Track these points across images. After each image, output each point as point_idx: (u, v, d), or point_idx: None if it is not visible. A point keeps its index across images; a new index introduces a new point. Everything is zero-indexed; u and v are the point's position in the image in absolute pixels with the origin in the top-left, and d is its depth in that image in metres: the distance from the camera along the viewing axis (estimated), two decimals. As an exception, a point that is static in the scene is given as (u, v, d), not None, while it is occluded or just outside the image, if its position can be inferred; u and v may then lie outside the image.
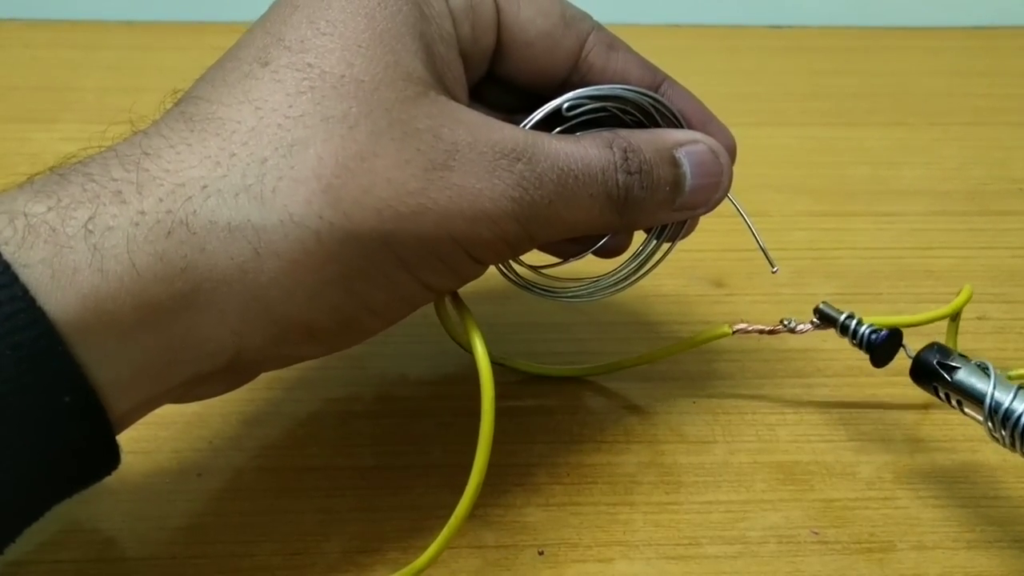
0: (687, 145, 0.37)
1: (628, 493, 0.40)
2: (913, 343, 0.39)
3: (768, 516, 0.39)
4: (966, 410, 0.37)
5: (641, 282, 0.40)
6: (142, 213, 0.29)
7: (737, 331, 0.42)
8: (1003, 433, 0.36)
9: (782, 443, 0.42)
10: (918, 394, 0.39)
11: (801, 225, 0.55)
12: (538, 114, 0.36)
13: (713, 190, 0.37)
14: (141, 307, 0.29)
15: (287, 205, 0.30)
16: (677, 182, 0.36)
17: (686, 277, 0.50)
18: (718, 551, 0.37)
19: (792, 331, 0.41)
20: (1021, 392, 0.36)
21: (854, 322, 0.40)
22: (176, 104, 0.32)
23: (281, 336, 0.32)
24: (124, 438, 0.38)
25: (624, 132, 0.36)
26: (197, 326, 0.30)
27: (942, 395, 0.38)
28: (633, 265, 0.40)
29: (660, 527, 0.38)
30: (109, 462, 0.31)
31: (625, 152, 0.35)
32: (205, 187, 0.29)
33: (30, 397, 0.28)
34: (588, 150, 0.34)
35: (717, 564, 0.37)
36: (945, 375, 0.37)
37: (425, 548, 0.35)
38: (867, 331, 0.39)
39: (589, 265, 0.41)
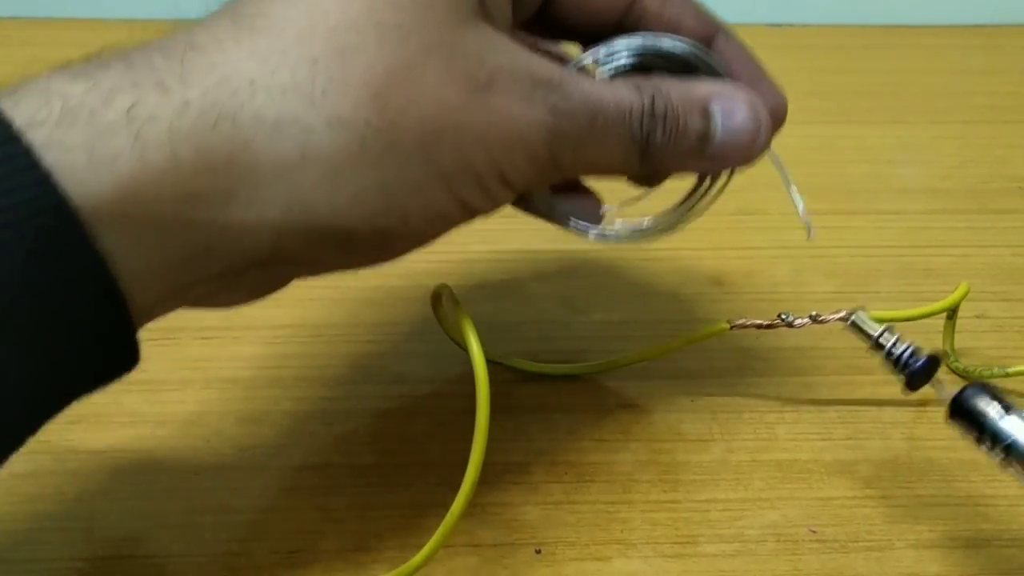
0: (722, 98, 0.36)
1: (626, 491, 0.40)
2: (911, 339, 0.39)
3: (766, 514, 0.39)
4: (1012, 465, 0.34)
5: (641, 280, 0.40)
6: (186, 103, 0.29)
7: (735, 326, 0.42)
8: None
9: (780, 441, 0.42)
10: (916, 392, 0.39)
11: (801, 223, 0.55)
12: (577, 61, 0.37)
13: (747, 146, 0.37)
14: (181, 198, 0.29)
15: (335, 107, 0.30)
16: (706, 133, 0.36)
17: (684, 275, 0.50)
18: (716, 549, 0.37)
19: (790, 325, 0.41)
20: None
21: (891, 341, 0.38)
22: (224, 5, 0.32)
23: (319, 239, 0.32)
24: (122, 438, 0.38)
25: (658, 78, 0.36)
26: (237, 220, 0.30)
27: (984, 440, 0.34)
28: (674, 214, 0.40)
29: (658, 525, 0.38)
30: (128, 358, 0.31)
31: (653, 97, 0.35)
32: (253, 81, 0.29)
33: (51, 283, 0.27)
34: (618, 91, 0.35)
35: (715, 562, 0.37)
36: (993, 418, 0.34)
37: (422, 546, 0.35)
38: (906, 353, 0.37)
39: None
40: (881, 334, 0.38)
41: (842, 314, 0.40)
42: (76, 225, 0.27)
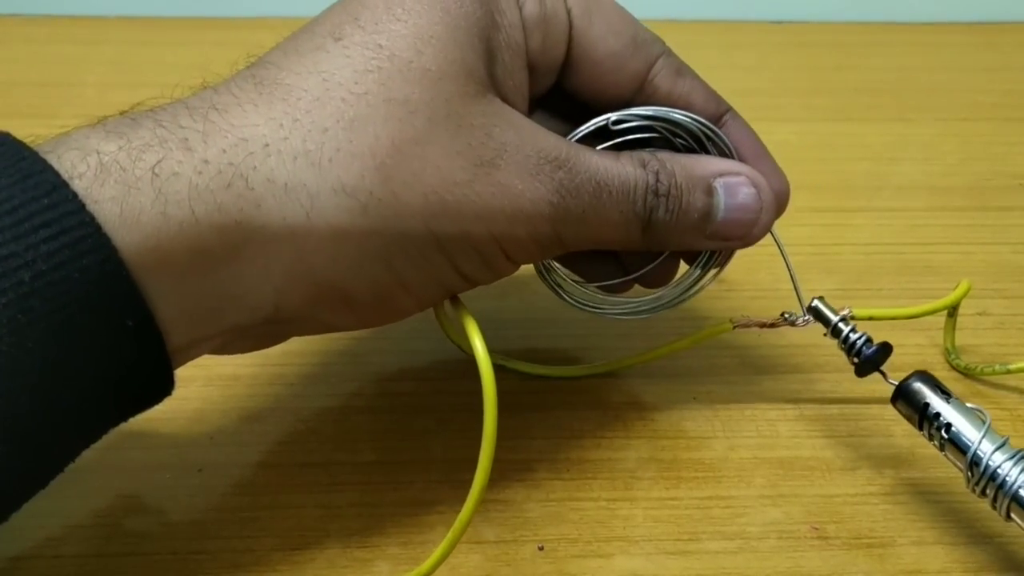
0: (727, 176, 0.37)
1: (628, 489, 0.40)
2: (911, 338, 0.39)
3: (768, 512, 0.39)
4: (947, 453, 0.36)
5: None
6: (206, 162, 0.30)
7: (738, 326, 0.42)
8: (981, 487, 0.35)
9: (782, 439, 0.42)
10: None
11: (801, 221, 0.55)
12: (588, 127, 0.37)
13: (749, 225, 0.38)
14: (195, 253, 0.30)
15: (341, 176, 0.31)
16: (708, 211, 0.37)
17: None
18: (718, 546, 0.38)
19: (793, 324, 0.41)
20: (1008, 449, 0.35)
21: (847, 328, 0.39)
22: (248, 67, 0.34)
23: (319, 299, 0.33)
24: (124, 433, 0.38)
25: (664, 154, 0.37)
26: (243, 278, 0.32)
27: (921, 429, 0.37)
28: (675, 290, 0.41)
29: (660, 522, 0.38)
30: (165, 387, 0.33)
31: (657, 174, 0.36)
32: (267, 146, 0.31)
33: (96, 318, 0.29)
34: (624, 167, 0.35)
35: (717, 559, 0.37)
36: (933, 407, 0.36)
37: (425, 543, 0.35)
38: (860, 340, 0.39)
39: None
40: (839, 321, 0.39)
41: (846, 311, 0.40)
42: (120, 267, 0.29)
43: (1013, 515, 0.34)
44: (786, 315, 0.41)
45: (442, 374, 0.45)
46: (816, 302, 0.40)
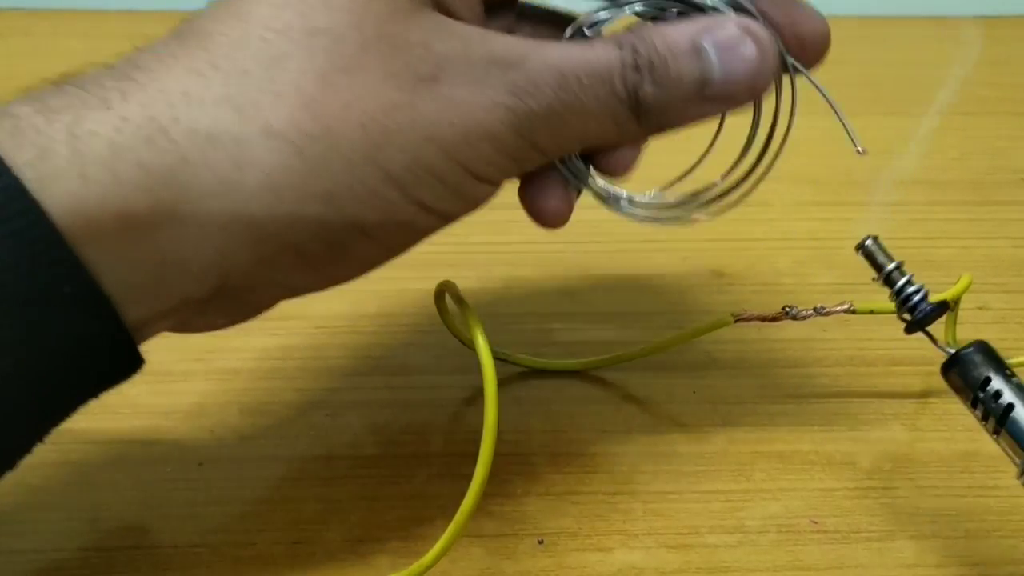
0: (711, 31, 0.33)
1: (628, 482, 0.40)
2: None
3: (768, 505, 0.39)
4: (1001, 438, 0.33)
5: (642, 271, 0.40)
6: (124, 119, 0.28)
7: (739, 319, 0.42)
8: None
9: (782, 432, 0.42)
10: (917, 384, 0.39)
11: (802, 215, 0.55)
12: (586, 20, 0.34)
13: (753, 74, 0.33)
14: (123, 217, 0.28)
15: (268, 118, 0.29)
16: (703, 73, 0.33)
17: (686, 267, 0.50)
18: (718, 540, 0.38)
19: (795, 318, 0.41)
20: None
21: (903, 279, 0.36)
22: (180, 23, 0.32)
23: (268, 257, 0.31)
24: (126, 428, 0.38)
25: (641, 27, 0.33)
26: (180, 242, 0.29)
27: (978, 407, 0.33)
28: (733, 177, 0.37)
29: (660, 516, 0.38)
30: (131, 362, 0.31)
31: (634, 47, 0.32)
32: (186, 94, 0.29)
33: (31, 285, 0.27)
34: (593, 51, 0.32)
35: (716, 553, 0.37)
36: (994, 385, 0.33)
37: (425, 537, 0.35)
38: (917, 295, 0.36)
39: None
40: (894, 269, 0.36)
41: (846, 306, 0.40)
42: (51, 231, 0.27)
43: None
44: (787, 309, 0.41)
45: (443, 367, 0.45)
46: (870, 242, 0.37)
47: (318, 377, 0.44)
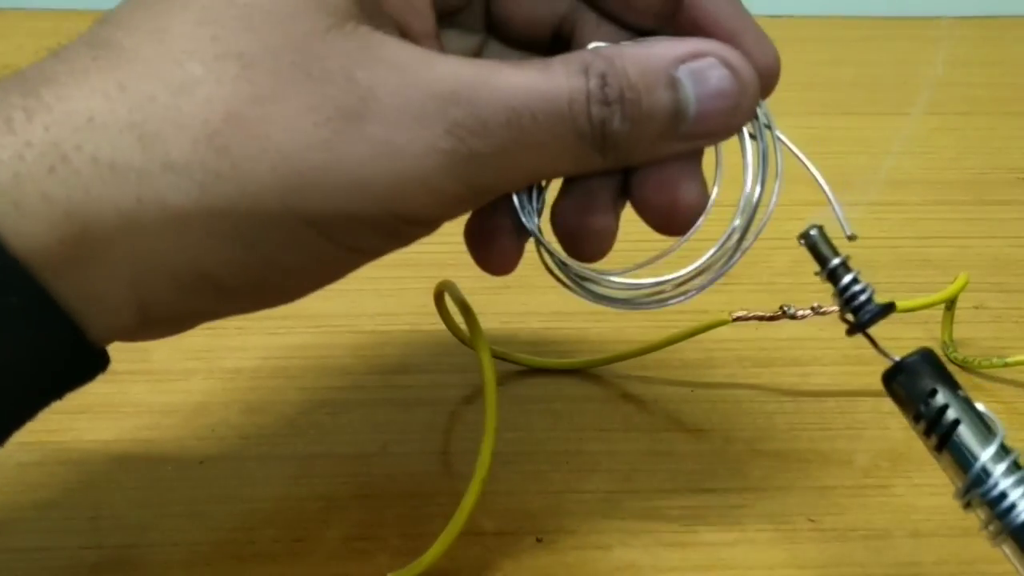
0: (691, 60, 0.29)
1: (627, 481, 0.40)
2: (908, 331, 0.39)
3: (765, 503, 0.39)
4: (942, 459, 0.30)
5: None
6: (28, 144, 0.26)
7: (736, 319, 0.42)
8: (974, 505, 0.29)
9: (779, 431, 0.42)
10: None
11: (798, 215, 0.55)
12: None
13: (730, 113, 0.30)
14: (31, 253, 0.26)
15: (169, 150, 0.26)
16: (678, 109, 0.29)
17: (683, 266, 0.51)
18: (715, 538, 0.38)
19: (792, 317, 0.41)
20: (1018, 469, 0.29)
21: (849, 276, 0.31)
22: (95, 23, 0.29)
23: (186, 290, 0.28)
24: (128, 427, 0.38)
25: (608, 49, 0.30)
26: (90, 279, 0.27)
27: (920, 422, 0.30)
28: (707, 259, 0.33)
29: (658, 514, 0.39)
30: (93, 363, 0.29)
31: (603, 77, 0.28)
32: (91, 119, 0.26)
33: None
34: (553, 79, 0.28)
35: (714, 551, 0.37)
36: (939, 399, 0.29)
37: (425, 535, 0.35)
38: (863, 294, 0.31)
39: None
40: (839, 265, 0.32)
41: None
42: None
43: (1006, 549, 0.29)
44: (784, 308, 0.42)
45: (442, 366, 0.45)
46: (814, 232, 0.33)
47: (319, 376, 0.44)
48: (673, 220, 0.32)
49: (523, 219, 0.32)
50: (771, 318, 0.42)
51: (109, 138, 0.26)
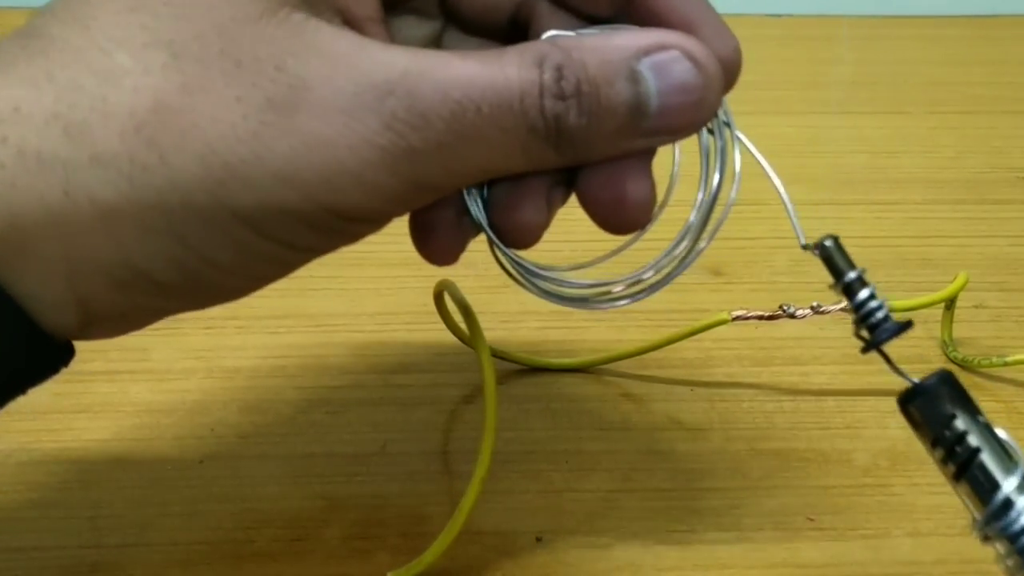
0: (653, 53, 0.28)
1: (626, 480, 0.40)
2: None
3: (764, 502, 0.39)
4: (959, 488, 0.28)
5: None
6: None
7: (736, 318, 0.42)
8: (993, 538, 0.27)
9: (778, 430, 0.42)
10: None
11: (798, 214, 0.55)
12: None
13: (693, 109, 0.28)
14: None
15: (96, 141, 0.25)
16: (639, 103, 0.28)
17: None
18: (714, 537, 0.38)
19: (792, 316, 0.41)
20: None
21: (867, 292, 0.30)
22: (33, 14, 0.28)
23: (123, 287, 0.27)
24: (127, 426, 0.38)
25: (566, 40, 0.28)
26: (26, 275, 0.26)
27: (938, 448, 0.28)
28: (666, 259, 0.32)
29: (658, 513, 0.39)
30: (53, 356, 0.28)
31: (559, 70, 0.27)
32: (17, 109, 0.25)
33: None
34: (503, 70, 0.27)
35: (713, 550, 0.37)
36: (960, 425, 0.27)
37: (425, 534, 0.35)
38: (880, 311, 0.29)
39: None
40: (855, 279, 0.30)
41: (843, 304, 0.40)
42: None
43: None
44: (784, 307, 0.42)
45: (442, 365, 0.45)
46: (830, 243, 0.31)
47: (318, 375, 0.44)
48: (619, 217, 0.31)
49: (472, 214, 0.30)
50: (771, 317, 0.42)
51: (35, 129, 0.25)
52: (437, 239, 0.32)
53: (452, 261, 0.32)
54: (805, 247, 0.31)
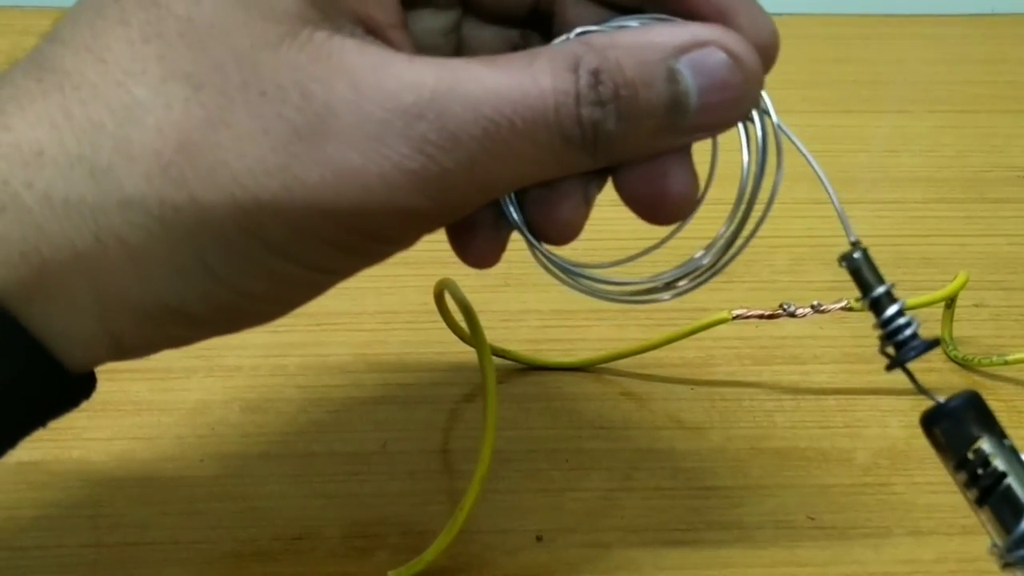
0: (691, 50, 0.27)
1: (626, 479, 0.40)
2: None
3: (765, 502, 0.39)
4: (982, 513, 0.27)
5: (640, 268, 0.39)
6: None
7: (737, 317, 0.42)
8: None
9: (779, 429, 0.42)
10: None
11: (799, 212, 0.55)
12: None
13: (733, 105, 0.28)
14: None
15: (123, 185, 0.25)
16: (678, 103, 0.27)
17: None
18: (715, 536, 0.38)
19: (792, 315, 0.41)
20: None
21: (895, 307, 0.29)
22: (42, 39, 0.27)
23: (156, 322, 0.27)
24: (128, 426, 0.38)
25: (599, 38, 0.27)
26: (55, 316, 0.26)
27: (962, 471, 0.27)
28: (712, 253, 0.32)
29: (658, 512, 0.39)
30: (75, 389, 0.28)
31: (595, 75, 0.26)
32: (41, 153, 0.25)
33: None
34: (535, 80, 0.26)
35: (714, 549, 0.37)
36: (985, 450, 0.26)
37: (425, 533, 0.35)
38: (908, 328, 0.29)
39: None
40: (884, 294, 0.30)
41: (843, 303, 0.40)
42: None
43: None
44: (784, 306, 0.42)
45: (442, 365, 0.45)
46: (859, 254, 0.30)
47: (318, 374, 0.44)
48: (661, 211, 0.30)
49: (507, 213, 0.30)
50: (771, 316, 0.42)
51: (60, 173, 0.25)
52: (476, 244, 0.31)
53: (495, 262, 0.32)
54: (849, 251, 0.30)
